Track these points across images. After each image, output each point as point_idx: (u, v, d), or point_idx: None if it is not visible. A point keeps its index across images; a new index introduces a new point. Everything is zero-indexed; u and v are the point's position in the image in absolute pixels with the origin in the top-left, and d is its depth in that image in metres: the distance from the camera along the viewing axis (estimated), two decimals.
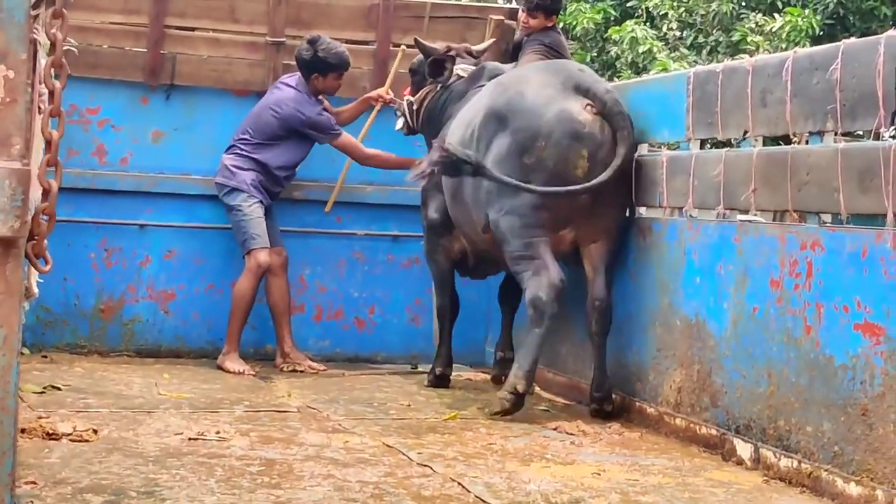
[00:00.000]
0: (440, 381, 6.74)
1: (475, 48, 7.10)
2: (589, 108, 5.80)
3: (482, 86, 6.58)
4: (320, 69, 7.11)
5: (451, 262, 6.76)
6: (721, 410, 5.21)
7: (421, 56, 7.00)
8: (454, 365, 6.90)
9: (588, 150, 5.74)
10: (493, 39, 7.41)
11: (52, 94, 1.70)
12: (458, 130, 6.24)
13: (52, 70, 1.75)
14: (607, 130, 5.78)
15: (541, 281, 5.71)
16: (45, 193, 1.73)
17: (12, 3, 1.65)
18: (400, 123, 7.09)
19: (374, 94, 7.31)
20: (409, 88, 7.09)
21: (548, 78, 5.97)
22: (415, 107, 6.97)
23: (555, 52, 6.71)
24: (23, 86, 1.66)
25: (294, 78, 7.21)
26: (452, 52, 6.91)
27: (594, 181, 5.68)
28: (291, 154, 7.19)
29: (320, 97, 7.26)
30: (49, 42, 1.74)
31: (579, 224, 5.89)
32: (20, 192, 1.67)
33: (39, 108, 2.03)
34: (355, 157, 7.28)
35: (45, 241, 1.71)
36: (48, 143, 1.70)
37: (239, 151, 7.12)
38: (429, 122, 6.93)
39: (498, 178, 5.76)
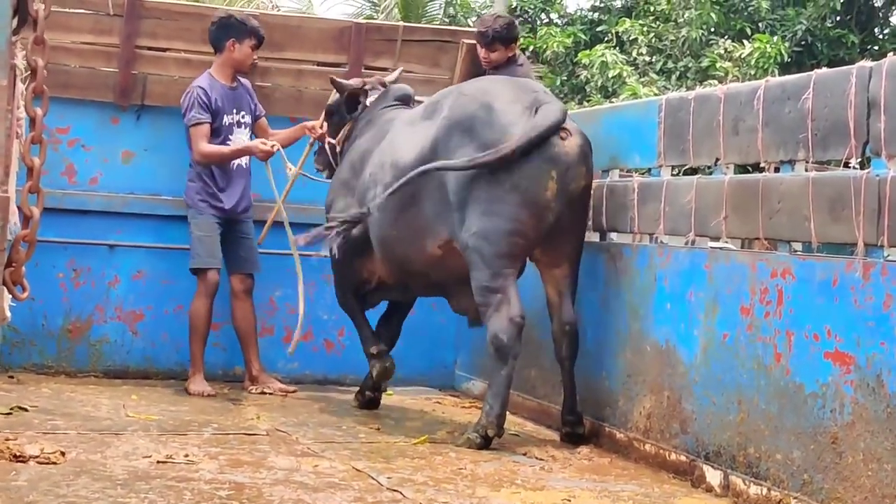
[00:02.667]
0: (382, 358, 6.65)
1: (386, 79, 6.97)
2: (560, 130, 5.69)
3: (391, 106, 6.60)
4: (236, 33, 6.99)
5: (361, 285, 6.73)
6: (691, 437, 5.22)
7: (336, 96, 6.94)
8: (424, 388, 6.89)
9: (557, 172, 5.61)
10: (401, 69, 7.29)
11: (33, 120, 1.69)
12: (412, 147, 6.06)
13: (34, 96, 1.74)
14: (575, 153, 5.67)
15: (501, 319, 5.62)
16: (27, 220, 1.72)
17: None
18: (321, 165, 7.06)
19: (309, 124, 7.12)
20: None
21: (515, 94, 5.86)
22: (338, 149, 6.86)
23: None
24: (2, 112, 1.65)
25: None
26: (367, 86, 6.84)
27: (507, 146, 5.55)
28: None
29: (236, 83, 7.14)
30: (30, 68, 1.73)
31: (544, 249, 5.83)
32: None
33: (17, 133, 2.02)
34: (193, 150, 6.98)
35: (23, 269, 1.70)
36: (30, 170, 1.69)
37: (189, 163, 7.09)
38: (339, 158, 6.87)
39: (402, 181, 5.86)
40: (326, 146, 6.92)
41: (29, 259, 1.95)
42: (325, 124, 6.96)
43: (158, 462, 4.85)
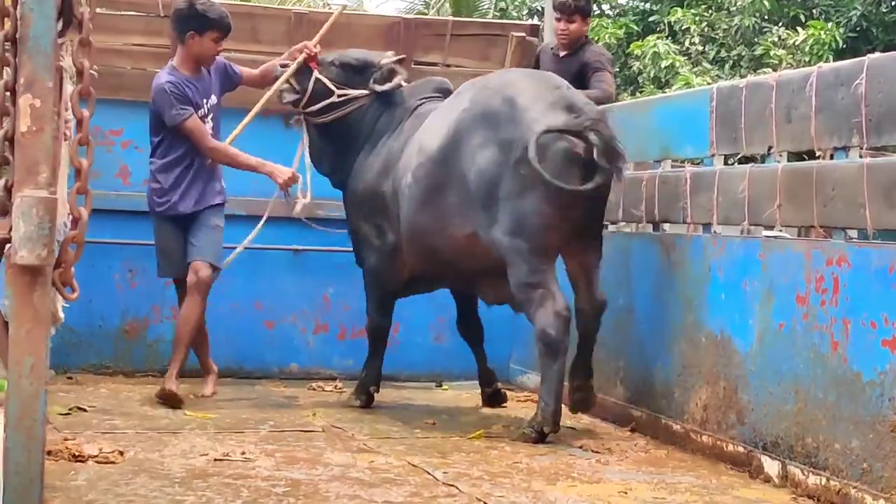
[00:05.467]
0: (370, 400, 6.62)
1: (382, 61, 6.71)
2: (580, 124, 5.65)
3: (429, 98, 6.56)
4: (197, 26, 6.48)
5: (401, 283, 6.63)
6: (748, 427, 5.21)
7: (358, 54, 6.76)
8: (477, 381, 6.92)
9: (581, 166, 5.59)
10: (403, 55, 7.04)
11: (80, 122, 1.72)
12: (435, 137, 6.07)
13: (80, 98, 1.77)
14: (603, 148, 5.58)
15: (547, 313, 5.63)
16: (75, 222, 1.75)
17: (38, 31, 1.66)
18: (288, 93, 6.69)
19: (301, 45, 6.70)
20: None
21: (539, 89, 5.85)
22: (333, 99, 6.61)
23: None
24: (49, 114, 1.68)
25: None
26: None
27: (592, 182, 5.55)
28: (171, 148, 6.57)
29: (200, 72, 6.62)
30: (76, 69, 1.76)
31: (577, 238, 5.81)
32: (47, 220, 1.68)
33: (65, 134, 2.05)
34: (199, 146, 6.52)
35: (72, 269, 1.73)
36: (78, 171, 1.71)
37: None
38: (348, 128, 6.63)
39: None
40: (314, 76, 6.61)
41: (77, 260, 1.97)
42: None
43: (215, 460, 4.90)
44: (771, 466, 5.00)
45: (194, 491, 4.32)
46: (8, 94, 1.73)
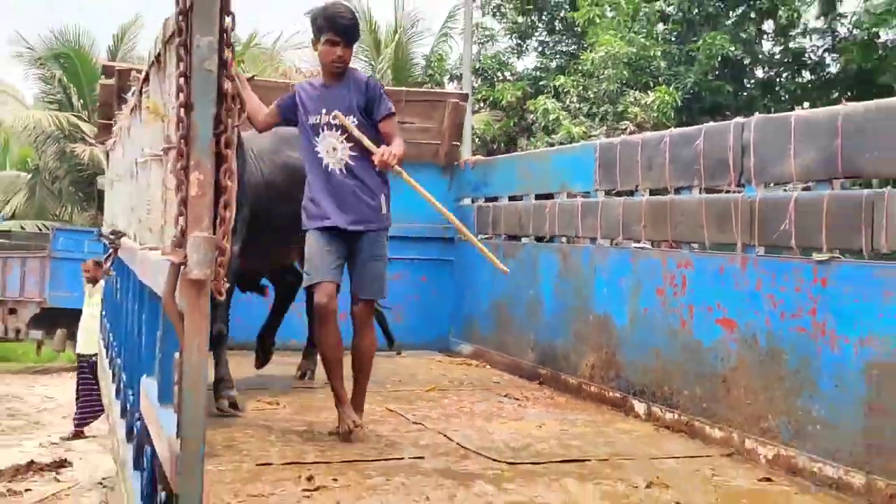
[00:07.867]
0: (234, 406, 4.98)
1: None
2: None
3: None
4: (315, 31, 4.55)
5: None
6: (623, 380, 5.39)
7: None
8: (427, 352, 7.06)
9: None
10: None
11: (225, 189, 2.00)
12: (279, 175, 5.37)
13: (225, 173, 2.05)
14: None
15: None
16: (222, 251, 2.02)
17: (201, 133, 1.97)
18: None
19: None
20: None
21: None
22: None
23: None
24: (209, 184, 1.98)
25: None
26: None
27: None
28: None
29: (334, 81, 4.59)
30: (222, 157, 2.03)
31: None
32: (209, 251, 1.99)
33: None
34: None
35: (221, 282, 2.00)
36: (223, 220, 2.00)
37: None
38: None
39: None
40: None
41: (222, 277, 2.20)
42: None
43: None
44: (640, 407, 5.18)
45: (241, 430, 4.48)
46: (183, 171, 2.03)
